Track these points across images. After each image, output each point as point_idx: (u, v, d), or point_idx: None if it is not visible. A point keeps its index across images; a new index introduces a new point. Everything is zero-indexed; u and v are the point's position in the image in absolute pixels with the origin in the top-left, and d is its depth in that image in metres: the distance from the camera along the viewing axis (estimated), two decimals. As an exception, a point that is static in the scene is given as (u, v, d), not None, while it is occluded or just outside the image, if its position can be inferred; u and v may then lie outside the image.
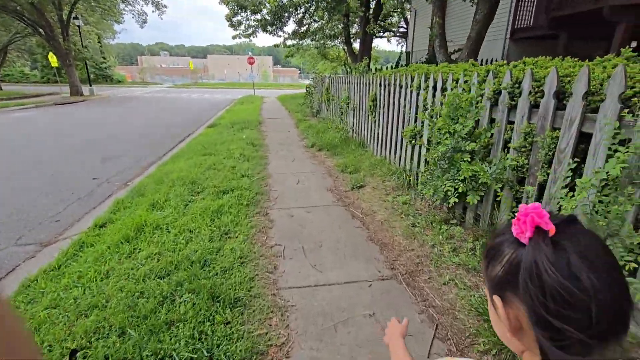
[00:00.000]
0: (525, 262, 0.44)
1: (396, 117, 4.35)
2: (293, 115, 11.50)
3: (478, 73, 2.64)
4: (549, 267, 0.41)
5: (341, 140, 6.33)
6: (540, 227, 0.44)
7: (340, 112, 7.29)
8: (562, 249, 0.42)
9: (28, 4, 17.22)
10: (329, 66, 33.56)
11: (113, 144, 7.35)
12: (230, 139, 6.94)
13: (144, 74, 51.24)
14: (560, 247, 0.42)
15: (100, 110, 14.91)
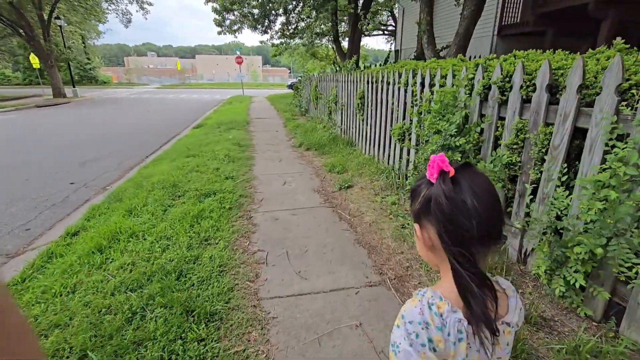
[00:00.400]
0: (433, 195, 0.62)
1: (384, 115, 4.24)
2: (282, 115, 11.34)
3: (467, 68, 2.53)
4: (447, 197, 0.59)
5: (329, 139, 6.20)
6: (443, 170, 0.61)
7: (329, 111, 7.17)
8: (458, 184, 0.60)
9: (6, 3, 16.66)
10: (318, 65, 33.51)
11: (94, 147, 7.08)
12: (216, 140, 6.75)
13: (130, 75, 50.34)
14: (457, 183, 0.61)
15: (83, 112, 14.49)
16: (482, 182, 0.62)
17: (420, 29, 7.58)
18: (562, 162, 1.79)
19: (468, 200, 0.59)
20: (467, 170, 0.63)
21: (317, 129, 7.20)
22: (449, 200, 0.59)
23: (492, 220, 0.60)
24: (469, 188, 0.60)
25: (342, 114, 6.21)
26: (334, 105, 6.71)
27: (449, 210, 0.59)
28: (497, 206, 0.62)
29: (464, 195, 0.59)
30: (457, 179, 0.61)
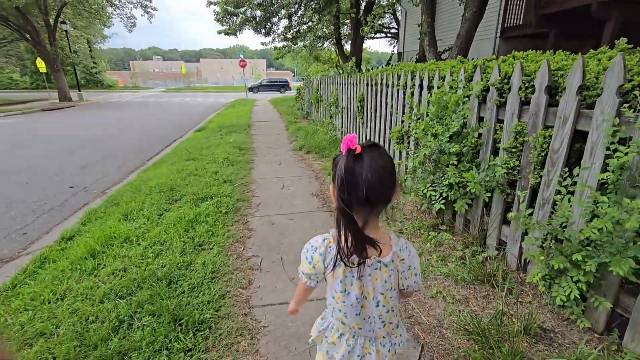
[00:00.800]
0: (338, 165, 0.79)
1: (384, 118, 4.19)
2: (284, 118, 11.33)
3: (465, 69, 2.48)
4: (346, 168, 0.77)
5: (330, 142, 6.16)
6: (350, 148, 0.78)
7: (330, 114, 7.13)
8: (361, 159, 0.78)
9: (13, 9, 16.90)
10: (321, 68, 33.54)
11: (96, 150, 7.11)
12: (217, 143, 6.74)
13: (135, 79, 50.83)
14: (360, 159, 0.78)
15: (87, 116, 14.62)
16: (380, 160, 0.81)
17: (422, 32, 7.53)
18: (562, 166, 1.73)
19: (363, 173, 0.78)
20: (372, 150, 0.81)
21: (318, 132, 7.16)
22: (347, 171, 0.77)
23: (380, 189, 0.80)
24: (367, 164, 0.78)
25: (343, 116, 6.17)
26: (335, 108, 6.67)
27: (346, 178, 0.77)
28: (386, 179, 0.81)
29: (361, 169, 0.78)
30: (362, 156, 0.79)
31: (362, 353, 0.97)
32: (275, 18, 15.52)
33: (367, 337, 0.97)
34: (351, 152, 0.78)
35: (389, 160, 0.83)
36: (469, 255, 2.26)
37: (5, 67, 34.40)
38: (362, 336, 0.97)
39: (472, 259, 2.21)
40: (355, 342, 0.97)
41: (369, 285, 0.90)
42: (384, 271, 0.90)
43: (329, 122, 7.22)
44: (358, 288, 0.90)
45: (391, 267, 0.90)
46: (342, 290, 0.91)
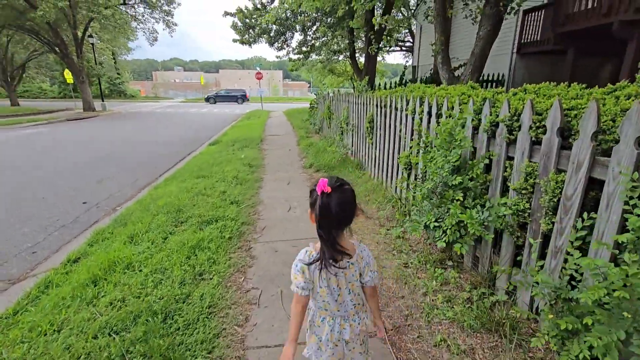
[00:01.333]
0: (317, 201, 1.12)
1: (392, 141, 4.12)
2: (296, 132, 11.39)
3: (474, 101, 2.40)
4: (322, 205, 1.11)
5: (339, 161, 6.12)
6: (324, 191, 1.12)
7: (340, 131, 7.10)
8: (331, 196, 1.12)
9: (44, 23, 17.85)
10: (335, 80, 33.81)
11: (113, 163, 7.30)
12: (228, 159, 6.80)
13: (157, 89, 52.55)
14: (330, 196, 1.12)
15: (108, 126, 15.13)
16: (345, 195, 1.16)
17: (435, 49, 7.47)
18: (575, 215, 1.62)
19: (333, 207, 1.11)
20: (339, 188, 1.15)
21: (328, 150, 7.14)
22: (322, 207, 1.11)
23: (345, 215, 1.17)
24: (336, 199, 1.12)
25: (353, 135, 6.13)
26: (345, 126, 6.65)
27: (322, 212, 1.11)
28: (349, 209, 1.18)
29: (332, 204, 1.11)
30: (331, 194, 1.12)
31: (339, 329, 1.32)
32: (290, 32, 15.81)
33: (342, 316, 1.33)
34: (324, 193, 1.11)
35: (352, 194, 1.20)
36: (476, 299, 2.14)
37: (36, 77, 36.17)
38: (338, 317, 1.32)
39: (480, 303, 2.09)
40: (334, 322, 1.32)
41: (342, 279, 1.26)
42: (351, 268, 1.27)
43: (339, 139, 7.19)
44: (335, 282, 1.26)
45: (356, 265, 1.28)
46: (326, 285, 1.26)
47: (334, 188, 1.12)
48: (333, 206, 1.11)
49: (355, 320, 1.35)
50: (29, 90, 40.01)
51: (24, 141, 10.46)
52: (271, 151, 8.04)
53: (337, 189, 1.14)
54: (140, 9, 22.27)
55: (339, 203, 1.12)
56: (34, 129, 13.90)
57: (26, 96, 39.26)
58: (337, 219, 1.15)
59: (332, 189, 1.12)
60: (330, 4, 8.14)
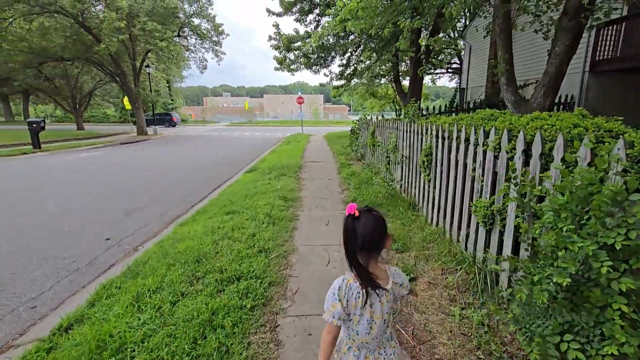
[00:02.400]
0: (344, 224, 1.20)
1: (460, 181, 3.26)
2: (337, 158, 10.76)
3: (629, 143, 1.53)
4: (348, 228, 1.19)
5: (387, 196, 5.29)
6: (351, 213, 1.18)
7: (387, 161, 6.31)
8: (359, 220, 1.18)
9: (107, 55, 19.49)
10: (377, 104, 33.24)
11: (149, 190, 7.12)
12: (262, 190, 6.28)
13: (204, 114, 55.78)
14: (359, 219, 1.18)
15: (155, 149, 15.69)
16: (373, 219, 1.21)
17: (498, 69, 6.53)
18: None
19: (359, 230, 1.18)
20: (367, 212, 1.22)
21: (373, 181, 6.35)
22: (348, 229, 1.19)
23: (372, 239, 1.20)
24: (363, 223, 1.18)
25: (403, 168, 5.30)
26: (393, 157, 5.85)
27: (349, 234, 1.19)
28: (377, 233, 1.21)
29: (359, 227, 1.18)
30: (360, 217, 1.19)
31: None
32: (330, 57, 15.59)
33: (368, 349, 1.30)
34: (351, 216, 1.18)
35: (380, 218, 1.23)
36: None
37: (102, 104, 39.90)
38: (365, 348, 1.29)
39: None
40: (359, 353, 1.30)
41: (377, 310, 1.25)
42: (387, 296, 1.27)
43: (386, 170, 6.39)
44: (369, 313, 1.24)
45: (391, 292, 1.28)
46: (359, 314, 1.24)
47: (362, 212, 1.19)
48: (360, 229, 1.17)
49: (382, 355, 1.32)
50: (94, 116, 44.37)
51: (75, 165, 10.93)
52: (309, 181, 7.43)
53: (365, 212, 1.20)
54: (192, 40, 23.73)
55: (366, 226, 1.17)
56: (89, 152, 14.76)
57: (92, 120, 43.54)
58: (364, 242, 1.17)
59: (359, 212, 1.18)
60: (376, 24, 7.61)
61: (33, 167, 10.45)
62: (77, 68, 25.59)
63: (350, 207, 1.17)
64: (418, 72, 12.13)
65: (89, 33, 18.37)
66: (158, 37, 17.52)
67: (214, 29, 22.59)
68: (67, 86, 27.29)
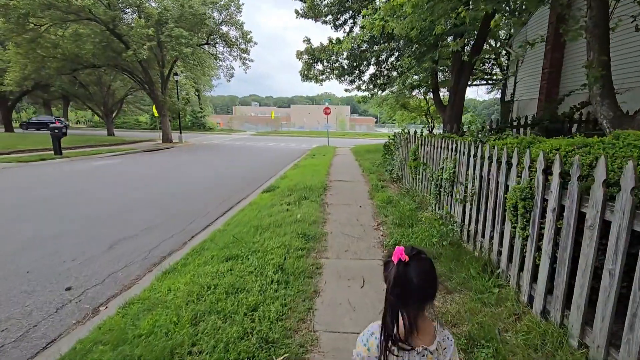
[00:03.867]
0: (391, 272, 1.05)
1: (593, 247, 1.84)
2: (367, 178, 9.41)
3: None
4: (398, 276, 1.03)
5: (444, 245, 3.87)
6: (401, 259, 1.04)
7: (438, 191, 4.90)
8: (409, 267, 1.04)
9: (137, 63, 19.38)
10: (407, 116, 31.56)
11: (148, 210, 6.12)
12: (279, 220, 5.05)
13: (231, 122, 56.25)
14: (409, 266, 1.04)
15: (174, 159, 15.04)
16: (425, 264, 1.07)
17: (590, 77, 5.00)
18: None
19: (412, 277, 1.03)
20: (418, 256, 1.07)
21: (419, 217, 4.95)
22: (398, 277, 1.04)
23: (426, 290, 1.07)
24: (415, 271, 1.04)
25: (469, 205, 3.87)
26: (449, 187, 4.44)
27: (398, 282, 1.04)
28: (432, 282, 1.08)
29: (411, 274, 1.04)
30: (409, 263, 1.04)
31: None
32: (364, 66, 14.39)
33: None
34: (401, 262, 1.04)
35: (431, 265, 1.09)
36: None
37: (134, 110, 40.88)
38: None
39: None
40: None
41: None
42: (430, 358, 1.11)
43: (435, 202, 4.98)
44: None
45: (435, 354, 1.11)
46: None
47: (411, 256, 1.06)
48: (412, 277, 1.04)
49: None
50: (127, 122, 45.66)
51: (84, 175, 10.26)
52: (336, 208, 6.12)
53: (416, 257, 1.07)
54: (220, 48, 23.45)
55: (419, 273, 1.05)
56: (107, 160, 14.29)
57: (124, 127, 44.78)
58: (417, 292, 1.05)
59: (409, 257, 1.05)
60: (427, 20, 6.31)
61: (34, 176, 9.84)
62: (109, 75, 26.02)
63: (398, 252, 1.05)
64: (460, 77, 10.62)
65: (119, 40, 18.34)
66: (184, 43, 17.11)
67: (242, 36, 22.16)
68: (100, 93, 27.87)
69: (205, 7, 19.14)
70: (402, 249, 1.05)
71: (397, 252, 1.05)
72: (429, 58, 9.17)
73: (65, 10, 15.91)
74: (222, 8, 20.62)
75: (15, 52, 17.21)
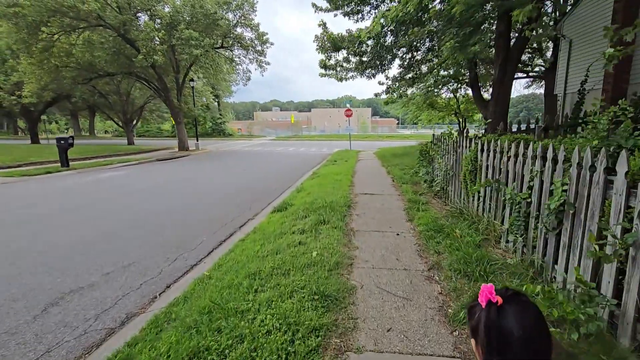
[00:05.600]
0: (482, 321, 0.73)
1: None
2: (399, 189, 7.76)
3: None
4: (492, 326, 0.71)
5: (584, 338, 2.21)
6: (491, 300, 0.73)
7: (518, 220, 3.23)
8: (505, 314, 0.70)
9: (149, 68, 18.65)
10: (435, 116, 29.37)
11: (132, 238, 4.79)
12: (287, 262, 3.57)
13: (251, 128, 55.77)
14: (505, 313, 0.71)
15: (186, 169, 14.00)
16: (531, 314, 0.72)
17: None
18: None
19: (515, 332, 0.69)
20: (516, 300, 0.72)
21: (496, 261, 3.29)
22: (492, 330, 0.70)
23: (535, 347, 0.70)
24: (516, 320, 0.70)
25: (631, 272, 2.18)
26: (558, 222, 2.77)
27: (494, 337, 0.70)
28: (544, 337, 0.71)
29: (510, 326, 0.69)
30: (504, 307, 0.72)
31: None
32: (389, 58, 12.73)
33: None
34: (492, 305, 0.73)
35: (539, 313, 0.74)
36: None
37: (156, 119, 40.97)
38: None
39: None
40: None
41: None
42: None
43: (515, 235, 3.32)
44: None
45: None
46: None
47: (506, 298, 0.74)
48: (511, 326, 0.70)
49: None
50: (149, 130, 46.06)
51: (88, 188, 9.25)
52: (365, 237, 4.55)
53: (513, 299, 0.74)
54: (236, 51, 22.48)
55: (521, 321, 0.70)
56: (115, 171, 13.42)
57: (147, 135, 45.16)
58: (522, 353, 0.68)
59: (503, 299, 0.73)
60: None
61: (29, 192, 8.90)
62: (127, 84, 25.75)
63: (487, 291, 0.73)
64: (506, 65, 8.75)
65: (132, 46, 17.68)
66: (194, 45, 16.13)
67: (258, 37, 21.06)
68: (119, 101, 27.74)
69: (218, 7, 18.16)
70: (491, 287, 0.75)
71: (484, 291, 0.75)
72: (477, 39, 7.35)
73: (75, 16, 15.34)
74: (236, 8, 19.61)
75: (29, 63, 16.86)
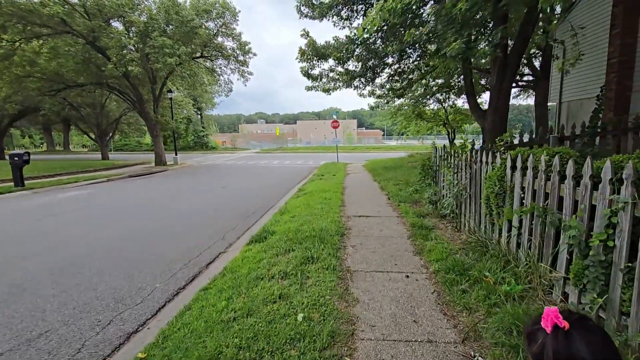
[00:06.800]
0: (547, 347, 0.66)
1: None
2: (397, 208, 6.78)
3: None
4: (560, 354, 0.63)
5: None
6: (557, 325, 0.66)
7: (594, 271, 2.25)
8: (573, 340, 0.64)
9: (123, 78, 17.39)
10: (423, 127, 28.98)
11: (68, 288, 3.55)
12: (261, 332, 2.48)
13: (235, 140, 54.42)
14: (572, 338, 0.64)
15: (157, 187, 12.66)
16: (600, 339, 0.65)
17: None
18: None
19: (586, 358, 0.62)
20: (583, 325, 0.66)
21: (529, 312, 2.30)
22: (562, 357, 0.63)
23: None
24: (584, 342, 0.63)
25: None
26: None
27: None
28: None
29: (580, 353, 0.62)
30: (572, 334, 0.65)
31: None
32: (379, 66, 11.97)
33: None
34: (559, 330, 0.66)
35: (607, 335, 0.68)
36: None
37: (133, 132, 39.16)
38: None
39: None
40: None
41: None
42: None
43: (579, 285, 2.35)
44: None
45: None
46: None
47: (573, 322, 0.66)
48: (582, 354, 0.62)
49: None
50: (128, 144, 44.12)
51: (40, 212, 7.86)
52: (365, 281, 3.49)
53: (579, 323, 0.67)
54: (218, 61, 21.49)
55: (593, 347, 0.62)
56: (79, 190, 11.98)
57: (125, 149, 43.19)
58: None
59: (570, 323, 0.66)
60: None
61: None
62: (101, 95, 24.28)
63: (552, 314, 0.66)
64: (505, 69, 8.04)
65: (102, 54, 16.43)
66: (168, 53, 15.03)
67: (240, 47, 20.15)
68: (93, 114, 26.15)
69: (197, 16, 17.20)
70: (556, 310, 0.67)
71: (549, 314, 0.67)
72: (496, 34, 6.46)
73: (36, 21, 14.04)
74: (216, 17, 18.70)
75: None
